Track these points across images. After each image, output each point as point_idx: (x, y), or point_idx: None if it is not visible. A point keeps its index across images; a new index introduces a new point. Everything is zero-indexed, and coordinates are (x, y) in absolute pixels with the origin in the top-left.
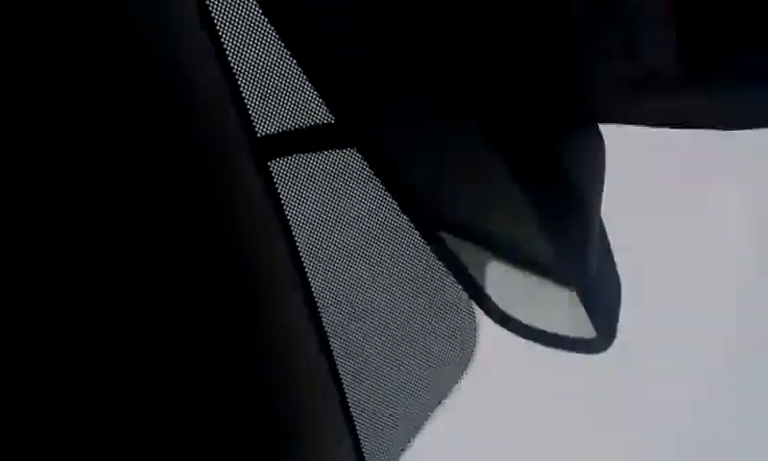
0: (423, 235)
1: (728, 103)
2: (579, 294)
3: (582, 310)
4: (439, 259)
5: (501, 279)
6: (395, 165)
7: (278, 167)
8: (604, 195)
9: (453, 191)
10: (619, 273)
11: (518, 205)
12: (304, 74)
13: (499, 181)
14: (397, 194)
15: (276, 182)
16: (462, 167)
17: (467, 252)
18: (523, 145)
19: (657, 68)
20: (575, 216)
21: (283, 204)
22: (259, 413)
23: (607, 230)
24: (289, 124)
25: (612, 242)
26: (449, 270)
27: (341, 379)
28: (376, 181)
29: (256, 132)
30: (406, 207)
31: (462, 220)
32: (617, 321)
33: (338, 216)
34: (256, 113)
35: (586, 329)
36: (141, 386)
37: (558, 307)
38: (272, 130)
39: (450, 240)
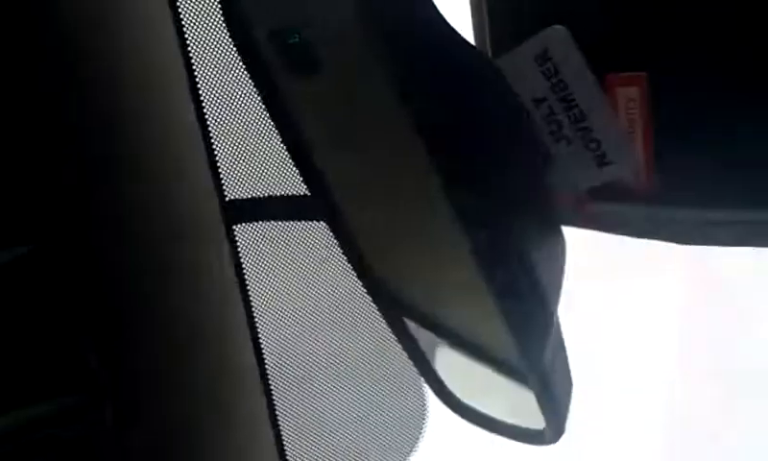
0: (384, 317)
1: (688, 220)
2: (534, 387)
3: (532, 401)
4: (398, 342)
5: (455, 365)
6: (361, 246)
7: (244, 232)
8: None
9: (417, 281)
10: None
11: (480, 298)
12: (282, 143)
13: (463, 270)
14: (362, 276)
15: (239, 247)
16: (426, 258)
17: (424, 337)
18: (489, 240)
19: (624, 178)
20: (536, 312)
21: (244, 268)
22: None
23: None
24: (259, 191)
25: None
26: (407, 352)
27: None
28: (341, 256)
29: (225, 195)
30: (370, 288)
31: (423, 308)
32: (567, 415)
33: (300, 286)
34: (227, 177)
35: (535, 420)
36: None
37: (509, 397)
38: (241, 195)
39: (408, 322)
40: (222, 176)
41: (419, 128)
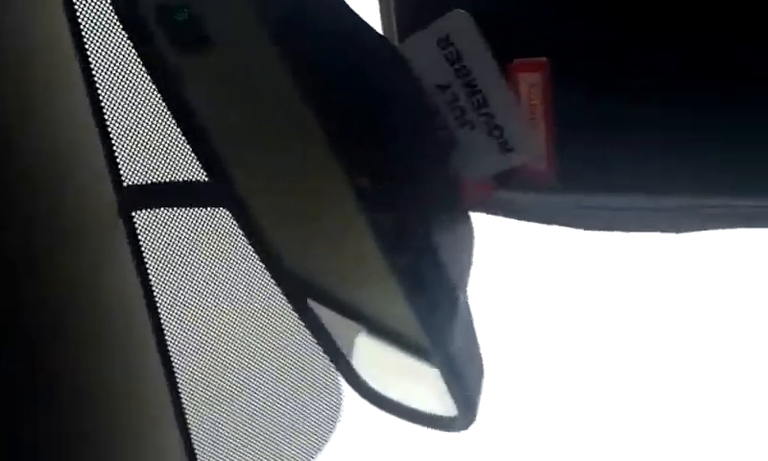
0: (291, 303)
1: (592, 206)
2: (439, 367)
3: (444, 388)
4: (306, 328)
5: (369, 354)
6: (262, 228)
7: (144, 219)
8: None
9: (321, 260)
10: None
11: (386, 279)
12: (180, 129)
13: (369, 255)
14: (265, 259)
15: (138, 234)
16: (331, 237)
17: (333, 321)
18: (395, 221)
19: (526, 165)
20: (443, 296)
21: (144, 255)
22: None
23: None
24: (159, 177)
25: None
26: (316, 339)
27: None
28: (246, 243)
29: (123, 181)
30: (274, 272)
31: (333, 292)
32: (478, 401)
33: (203, 274)
34: (125, 163)
35: (448, 407)
36: None
37: (423, 384)
38: (140, 180)
39: (317, 308)
40: (119, 161)
41: (316, 111)
